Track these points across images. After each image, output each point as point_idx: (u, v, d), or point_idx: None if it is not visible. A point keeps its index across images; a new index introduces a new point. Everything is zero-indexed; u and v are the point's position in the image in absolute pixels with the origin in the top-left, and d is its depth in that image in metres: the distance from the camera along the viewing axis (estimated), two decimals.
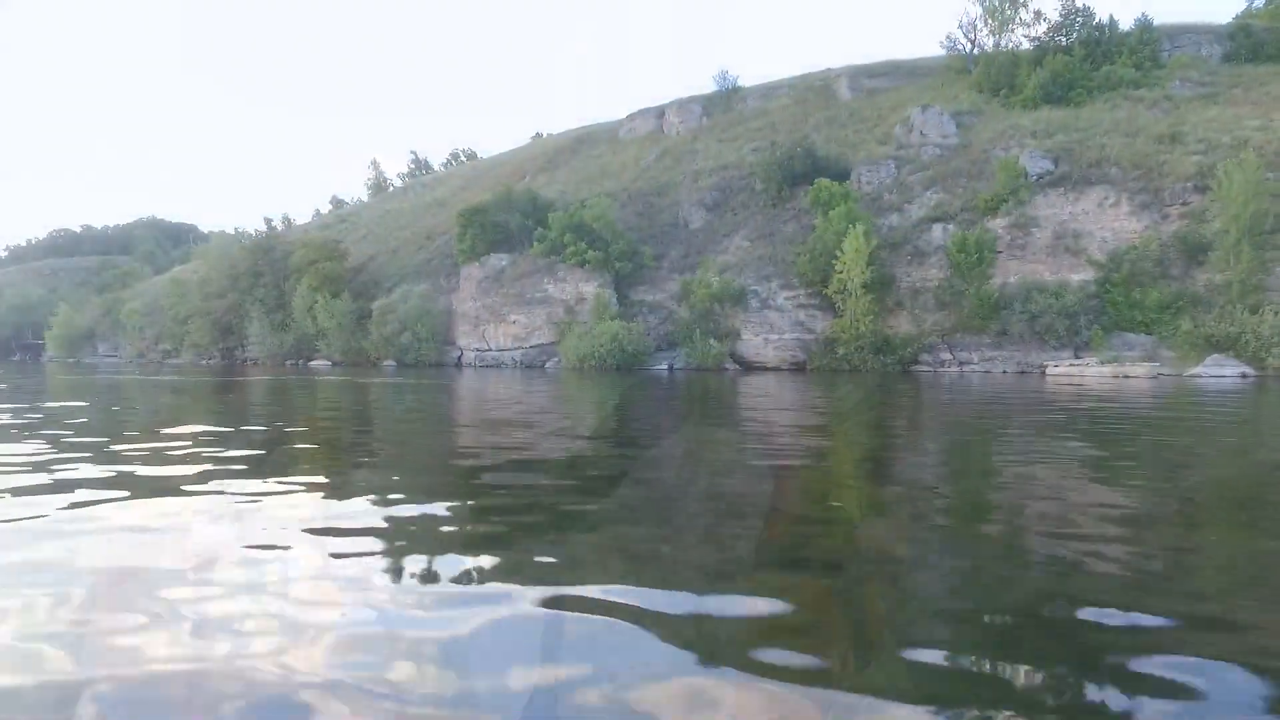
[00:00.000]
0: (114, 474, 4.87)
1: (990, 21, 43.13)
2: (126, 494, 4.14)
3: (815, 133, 41.48)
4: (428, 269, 46.68)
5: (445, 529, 3.47)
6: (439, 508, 3.85)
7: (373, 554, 2.98)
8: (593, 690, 1.75)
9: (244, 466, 5.16)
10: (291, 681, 1.78)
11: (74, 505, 3.80)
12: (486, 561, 2.84)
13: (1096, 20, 40.30)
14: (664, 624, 2.13)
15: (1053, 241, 29.53)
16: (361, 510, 3.86)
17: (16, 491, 4.14)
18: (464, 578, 2.65)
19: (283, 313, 49.21)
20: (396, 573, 2.73)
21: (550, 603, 2.33)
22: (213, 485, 4.37)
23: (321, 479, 5.04)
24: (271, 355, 47.36)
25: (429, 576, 2.66)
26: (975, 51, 44.05)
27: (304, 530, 3.33)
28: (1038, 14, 42.07)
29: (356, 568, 2.76)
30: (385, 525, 3.50)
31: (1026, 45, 42.02)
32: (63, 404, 12.16)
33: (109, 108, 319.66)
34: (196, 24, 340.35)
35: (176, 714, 1.70)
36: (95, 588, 2.49)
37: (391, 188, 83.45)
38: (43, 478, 4.60)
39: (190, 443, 6.52)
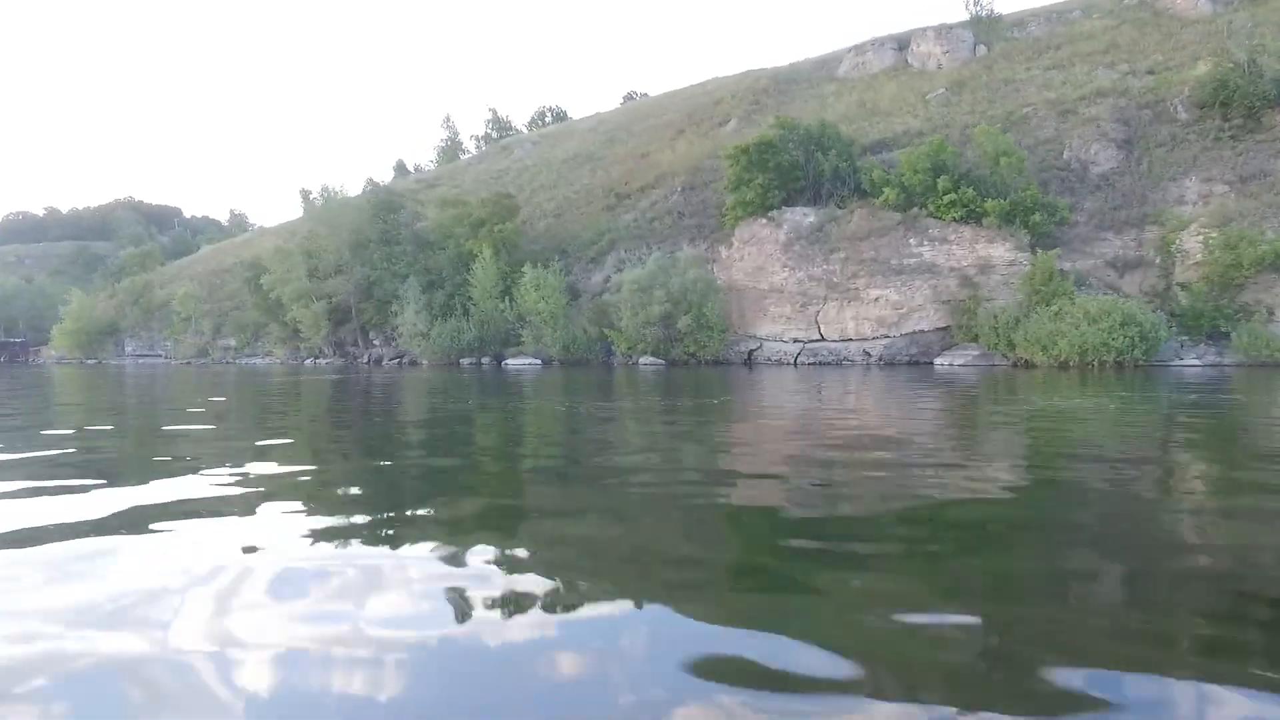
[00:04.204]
0: None
1: None
2: None
3: (1199, 49, 31.03)
4: (649, 232, 34.76)
5: None
6: None
7: None
8: None
9: None
10: None
11: None
12: None
13: None
14: None
15: None
16: None
17: None
18: None
19: (441, 292, 36.54)
20: None
21: None
22: None
23: None
24: (439, 352, 34.61)
25: None
26: None
27: None
28: None
29: None
30: None
31: None
32: None
33: (70, 86, 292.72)
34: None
35: None
36: None
37: (466, 153, 70.42)
38: None
39: None
